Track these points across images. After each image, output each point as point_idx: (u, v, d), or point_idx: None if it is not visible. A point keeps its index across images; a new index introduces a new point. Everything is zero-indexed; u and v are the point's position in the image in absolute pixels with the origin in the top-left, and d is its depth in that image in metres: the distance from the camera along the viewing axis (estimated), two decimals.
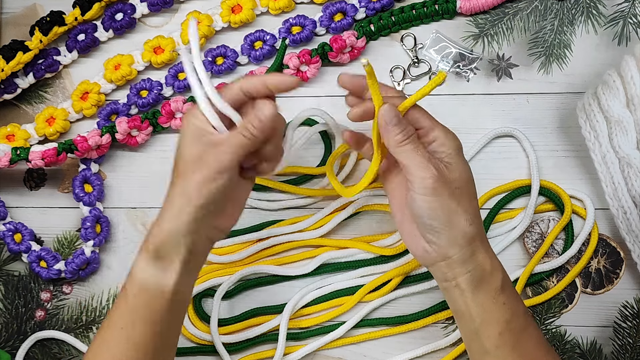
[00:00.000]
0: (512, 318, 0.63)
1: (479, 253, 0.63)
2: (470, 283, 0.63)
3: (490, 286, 0.63)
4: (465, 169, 0.64)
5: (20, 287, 0.84)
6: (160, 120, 0.82)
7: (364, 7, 0.81)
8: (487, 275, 0.63)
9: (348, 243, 0.81)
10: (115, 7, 0.84)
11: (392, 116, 0.63)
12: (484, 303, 0.63)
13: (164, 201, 0.65)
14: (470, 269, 0.63)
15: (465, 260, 0.63)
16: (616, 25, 0.80)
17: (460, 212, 0.62)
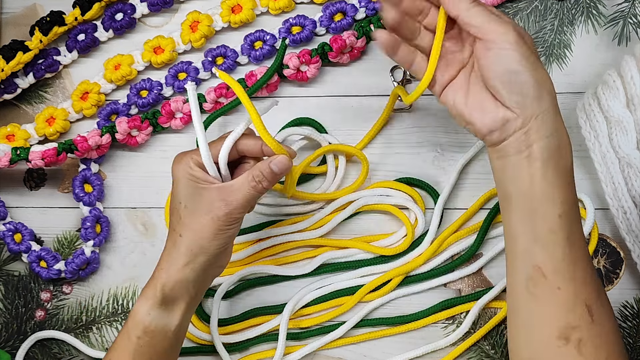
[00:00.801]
0: (573, 206, 0.60)
1: (559, 120, 0.60)
2: (545, 152, 0.59)
3: (562, 161, 0.60)
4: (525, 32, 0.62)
5: (20, 287, 0.84)
6: (160, 120, 0.82)
7: (364, 7, 0.81)
8: (563, 148, 0.60)
9: (348, 243, 0.81)
10: (115, 7, 0.84)
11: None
12: (554, 178, 0.59)
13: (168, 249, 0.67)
14: (549, 134, 0.59)
15: (547, 123, 0.59)
16: (616, 25, 0.80)
17: (542, 70, 0.60)
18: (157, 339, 0.66)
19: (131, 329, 0.66)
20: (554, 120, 0.60)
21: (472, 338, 0.79)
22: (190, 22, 0.82)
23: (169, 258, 0.66)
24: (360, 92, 0.82)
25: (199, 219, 0.65)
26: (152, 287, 0.66)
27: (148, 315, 0.66)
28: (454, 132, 0.81)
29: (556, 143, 0.60)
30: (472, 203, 0.80)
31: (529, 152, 0.60)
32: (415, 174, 0.81)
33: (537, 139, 0.60)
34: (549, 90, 0.60)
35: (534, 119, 0.60)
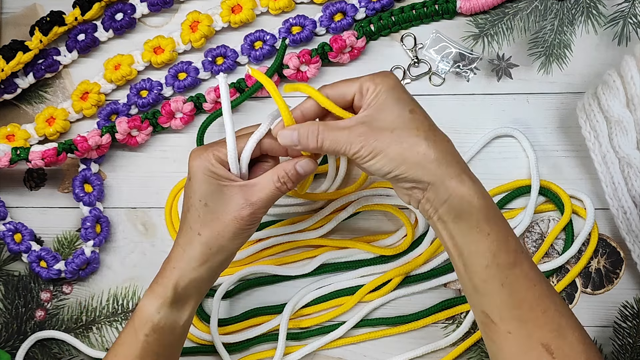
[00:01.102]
0: (499, 251, 0.61)
1: (450, 180, 0.61)
2: (450, 213, 0.61)
3: (471, 215, 0.61)
4: (396, 107, 0.62)
5: (20, 287, 0.84)
6: (160, 120, 0.82)
7: (364, 7, 0.81)
8: (466, 204, 0.61)
9: (348, 243, 0.81)
10: (115, 7, 0.84)
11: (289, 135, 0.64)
12: (467, 233, 0.61)
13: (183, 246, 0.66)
14: (446, 197, 0.61)
15: (439, 190, 0.61)
16: (616, 25, 0.80)
17: (409, 149, 0.61)
18: (165, 336, 0.66)
19: (138, 327, 0.66)
20: (445, 185, 0.61)
21: (472, 338, 0.79)
22: (190, 22, 0.82)
23: (184, 256, 0.66)
24: None
25: (221, 218, 0.65)
26: (162, 286, 0.66)
27: (157, 314, 0.66)
28: (454, 132, 0.81)
29: (457, 203, 0.61)
30: None
31: (438, 215, 0.62)
32: None
33: (438, 205, 0.62)
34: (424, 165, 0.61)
35: (425, 191, 0.62)
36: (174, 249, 0.67)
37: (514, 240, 0.62)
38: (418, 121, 0.62)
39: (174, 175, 0.83)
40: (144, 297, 0.67)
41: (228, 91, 0.66)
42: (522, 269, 0.62)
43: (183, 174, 0.83)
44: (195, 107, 0.82)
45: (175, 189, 0.82)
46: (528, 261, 0.62)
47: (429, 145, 0.61)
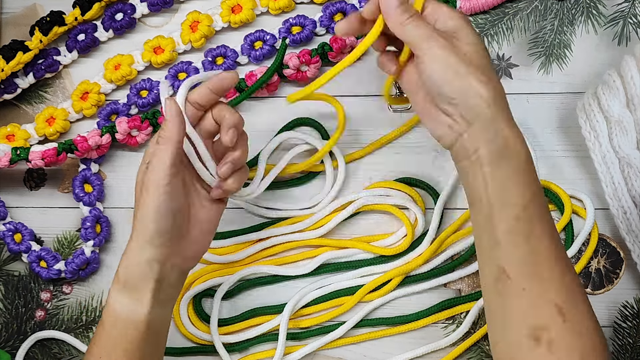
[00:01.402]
0: (530, 204, 0.60)
1: (500, 121, 0.60)
2: (491, 154, 0.60)
3: (511, 161, 0.60)
4: (475, 35, 0.62)
5: (20, 287, 0.84)
6: (160, 120, 0.82)
7: None
8: (510, 148, 0.60)
9: (348, 243, 0.81)
10: (115, 7, 0.84)
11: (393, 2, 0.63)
12: (504, 180, 0.60)
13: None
14: (492, 137, 0.60)
15: (487, 127, 0.60)
16: (616, 25, 0.80)
17: (472, 76, 0.60)
18: (129, 329, 0.64)
19: (104, 318, 0.65)
20: (494, 124, 0.60)
21: (472, 338, 0.79)
22: (190, 22, 0.82)
23: (128, 241, 0.65)
24: (360, 92, 0.82)
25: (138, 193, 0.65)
26: (116, 272, 0.65)
27: (116, 302, 0.64)
28: None
29: (501, 146, 0.60)
30: None
31: (477, 156, 0.60)
32: (415, 174, 0.81)
33: (481, 144, 0.60)
34: (483, 96, 0.60)
35: (472, 125, 0.60)
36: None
37: (542, 195, 0.62)
38: (488, 60, 0.62)
39: None
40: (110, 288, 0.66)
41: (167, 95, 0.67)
42: (545, 227, 0.61)
43: None
44: None
45: None
46: (552, 221, 0.62)
47: (492, 81, 0.61)
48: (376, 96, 0.82)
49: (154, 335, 0.66)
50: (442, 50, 0.61)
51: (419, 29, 0.62)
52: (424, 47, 0.61)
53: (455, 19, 0.63)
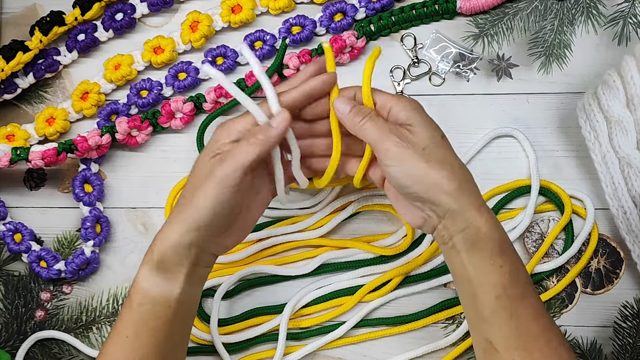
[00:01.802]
0: (510, 284, 0.62)
1: (469, 211, 0.62)
2: (465, 242, 0.62)
3: (486, 247, 0.62)
4: (430, 127, 0.64)
5: (20, 287, 0.84)
6: (160, 120, 0.82)
7: (364, 7, 0.81)
8: (483, 236, 0.62)
9: (348, 243, 0.81)
10: (115, 7, 0.84)
11: (346, 104, 0.65)
12: (481, 264, 0.62)
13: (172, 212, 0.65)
14: (463, 227, 0.62)
15: (457, 219, 0.62)
16: (616, 25, 0.80)
17: (435, 172, 0.62)
18: (158, 308, 0.64)
19: (132, 296, 0.64)
20: (464, 215, 0.62)
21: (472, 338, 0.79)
22: (190, 22, 0.82)
23: (169, 221, 0.64)
24: None
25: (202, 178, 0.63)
26: (149, 250, 0.64)
27: (147, 281, 0.64)
28: (454, 132, 0.81)
29: (474, 235, 0.62)
30: None
31: (452, 243, 0.63)
32: None
33: (454, 233, 0.62)
34: (447, 190, 0.62)
35: (444, 218, 0.62)
36: None
37: (524, 273, 0.64)
38: (447, 148, 0.64)
39: (174, 175, 0.83)
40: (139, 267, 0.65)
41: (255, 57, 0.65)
42: (530, 301, 0.63)
43: (183, 173, 0.83)
44: (195, 107, 0.82)
45: (175, 189, 0.82)
46: (535, 294, 0.64)
47: (454, 172, 0.62)
48: None
49: (182, 316, 0.66)
50: (399, 150, 0.62)
51: (374, 130, 0.63)
52: (381, 148, 0.63)
53: (407, 109, 0.64)
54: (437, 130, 0.64)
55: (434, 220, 0.63)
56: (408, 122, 0.64)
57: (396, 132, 0.63)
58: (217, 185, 0.62)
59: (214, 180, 0.63)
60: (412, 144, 0.62)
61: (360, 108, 0.65)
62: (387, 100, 0.65)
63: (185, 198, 0.64)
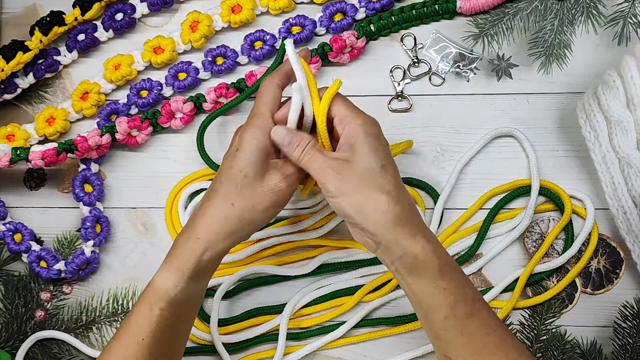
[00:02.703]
0: (456, 304, 0.63)
1: (405, 240, 0.63)
2: (405, 268, 0.63)
3: (426, 272, 0.63)
4: (372, 155, 0.64)
5: (20, 287, 0.84)
6: (160, 120, 0.82)
7: (364, 7, 0.81)
8: (420, 262, 0.63)
9: (348, 243, 0.81)
10: (115, 7, 0.84)
11: (284, 136, 0.66)
12: (424, 288, 0.63)
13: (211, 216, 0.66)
14: (400, 255, 0.63)
15: (393, 248, 0.63)
16: (616, 25, 0.80)
17: (370, 202, 0.63)
18: (181, 309, 0.66)
19: (154, 301, 0.65)
20: (400, 244, 0.63)
21: None
22: (190, 22, 0.82)
23: (212, 227, 0.65)
24: (360, 92, 0.82)
25: (259, 190, 0.66)
26: (182, 258, 0.65)
27: (175, 288, 0.65)
28: (454, 132, 0.81)
29: (411, 262, 0.63)
30: (472, 203, 0.80)
31: (395, 267, 0.64)
32: (415, 174, 0.81)
33: (393, 259, 0.64)
34: (381, 222, 0.63)
35: (380, 247, 0.64)
36: (198, 218, 0.66)
37: (471, 290, 0.64)
38: (386, 178, 0.64)
39: (174, 175, 0.83)
40: (161, 270, 0.66)
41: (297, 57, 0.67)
42: (480, 317, 0.63)
43: (183, 173, 0.83)
44: (195, 107, 0.82)
45: (175, 189, 0.83)
46: (486, 308, 0.64)
47: (389, 203, 0.63)
48: (376, 96, 0.82)
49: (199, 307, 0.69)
50: (336, 184, 0.63)
51: (312, 163, 0.65)
52: (320, 181, 0.64)
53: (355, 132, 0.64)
54: (378, 158, 0.64)
55: (373, 246, 0.64)
56: (354, 146, 0.64)
57: (334, 166, 0.64)
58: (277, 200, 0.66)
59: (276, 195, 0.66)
60: (349, 177, 0.63)
61: (298, 139, 0.65)
62: (344, 117, 0.65)
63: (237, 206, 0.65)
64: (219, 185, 0.66)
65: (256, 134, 0.66)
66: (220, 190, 0.66)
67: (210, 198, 0.67)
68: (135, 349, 0.64)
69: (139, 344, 0.64)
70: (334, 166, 0.64)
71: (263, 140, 0.66)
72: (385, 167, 0.64)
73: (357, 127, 0.64)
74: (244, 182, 0.65)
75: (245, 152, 0.66)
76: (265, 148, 0.66)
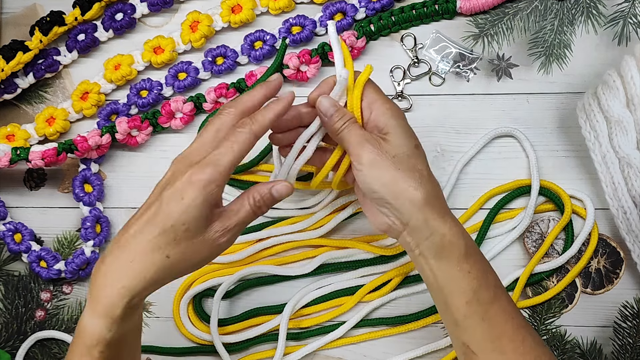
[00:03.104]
0: (480, 288, 0.63)
1: (434, 220, 0.63)
2: (432, 250, 0.63)
3: (452, 254, 0.63)
4: (404, 136, 0.65)
5: (20, 287, 0.84)
6: (160, 120, 0.82)
7: (364, 7, 0.81)
8: (447, 243, 0.63)
9: (348, 243, 0.81)
10: (115, 7, 0.84)
11: (328, 107, 0.66)
12: (449, 271, 0.63)
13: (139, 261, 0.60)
14: (428, 235, 0.63)
15: (421, 227, 0.63)
16: (616, 25, 0.80)
17: (403, 180, 0.63)
18: (122, 345, 0.62)
19: (91, 346, 0.61)
20: (428, 224, 0.63)
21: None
22: (190, 22, 0.82)
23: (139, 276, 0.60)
24: None
25: (196, 243, 0.61)
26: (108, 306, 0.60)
27: (109, 332, 0.61)
28: (454, 132, 0.81)
29: (439, 242, 0.63)
30: (472, 203, 0.80)
31: (419, 251, 0.64)
32: None
33: (420, 241, 0.64)
34: (412, 199, 0.63)
35: (408, 226, 0.64)
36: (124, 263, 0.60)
37: (493, 276, 0.65)
38: (419, 158, 0.65)
39: None
40: (88, 316, 0.61)
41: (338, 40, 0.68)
42: (501, 303, 0.64)
43: None
44: (195, 107, 0.82)
45: None
46: (505, 295, 0.65)
47: (421, 183, 0.64)
48: None
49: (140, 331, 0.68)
50: (371, 157, 0.64)
51: (351, 135, 0.65)
52: (355, 153, 0.64)
53: (386, 115, 0.65)
54: (411, 139, 0.66)
55: (399, 227, 0.65)
56: (385, 128, 0.65)
57: (371, 140, 0.65)
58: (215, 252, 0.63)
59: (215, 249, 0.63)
60: (384, 152, 0.64)
61: (342, 113, 0.66)
62: (373, 101, 0.67)
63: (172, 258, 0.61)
64: (154, 228, 0.60)
65: (210, 188, 0.60)
66: (155, 239, 0.60)
67: (142, 242, 0.60)
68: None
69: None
70: (372, 141, 0.64)
71: (214, 194, 0.60)
72: (418, 147, 0.66)
73: (387, 111, 0.66)
74: (183, 235, 0.60)
75: (193, 206, 0.60)
76: (215, 202, 0.61)
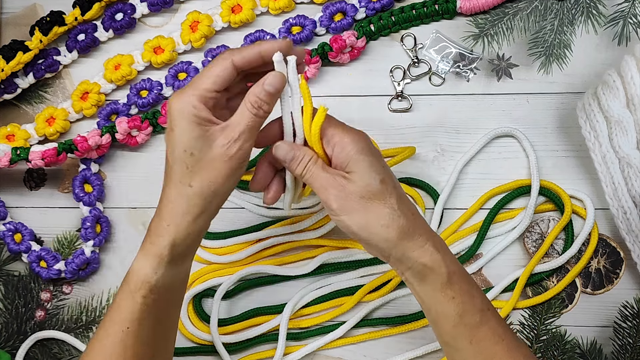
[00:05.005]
0: (465, 313, 0.63)
1: (412, 251, 0.63)
2: (415, 277, 0.64)
3: (435, 280, 0.63)
4: (368, 172, 0.63)
5: (20, 287, 0.84)
6: (160, 120, 0.82)
7: (364, 7, 0.81)
8: (429, 271, 0.63)
9: (348, 243, 0.81)
10: (115, 7, 0.84)
11: (286, 152, 0.64)
12: (433, 296, 0.63)
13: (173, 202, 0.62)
14: (410, 265, 0.63)
15: (401, 259, 0.63)
16: (616, 25, 0.80)
17: (375, 219, 0.63)
18: (165, 295, 0.64)
19: (134, 289, 0.63)
20: (407, 256, 0.63)
21: None
22: (190, 22, 0.82)
23: (177, 212, 0.62)
24: (360, 92, 0.82)
25: (211, 164, 0.61)
26: (156, 245, 0.63)
27: (155, 274, 0.63)
28: (454, 132, 0.81)
29: (420, 270, 0.63)
30: (472, 203, 0.80)
31: (405, 277, 0.65)
32: (415, 174, 0.81)
33: (403, 270, 0.64)
34: (387, 238, 0.63)
35: (389, 258, 0.64)
36: (163, 205, 0.63)
37: (480, 299, 0.64)
38: (386, 192, 0.63)
39: None
40: (138, 259, 0.63)
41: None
42: (489, 325, 0.64)
43: None
44: None
45: None
46: (495, 317, 0.64)
47: (393, 219, 0.62)
48: (376, 96, 0.82)
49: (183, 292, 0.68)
50: (339, 202, 0.63)
51: (314, 180, 0.64)
52: (322, 198, 0.64)
53: (346, 151, 0.63)
54: (376, 175, 0.63)
55: (383, 259, 0.65)
56: (348, 166, 0.63)
57: (334, 184, 0.63)
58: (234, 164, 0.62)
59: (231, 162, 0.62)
60: (350, 195, 0.62)
61: (300, 157, 0.64)
62: (331, 136, 0.64)
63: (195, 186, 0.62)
64: (170, 167, 0.62)
65: (188, 109, 0.60)
66: (173, 174, 0.62)
67: (168, 182, 0.63)
68: (121, 338, 0.63)
69: (124, 332, 0.63)
70: (335, 185, 0.63)
71: (198, 113, 0.61)
72: (384, 181, 0.63)
73: (347, 146, 0.63)
74: (192, 161, 0.61)
75: (182, 131, 0.61)
76: (201, 116, 0.61)
